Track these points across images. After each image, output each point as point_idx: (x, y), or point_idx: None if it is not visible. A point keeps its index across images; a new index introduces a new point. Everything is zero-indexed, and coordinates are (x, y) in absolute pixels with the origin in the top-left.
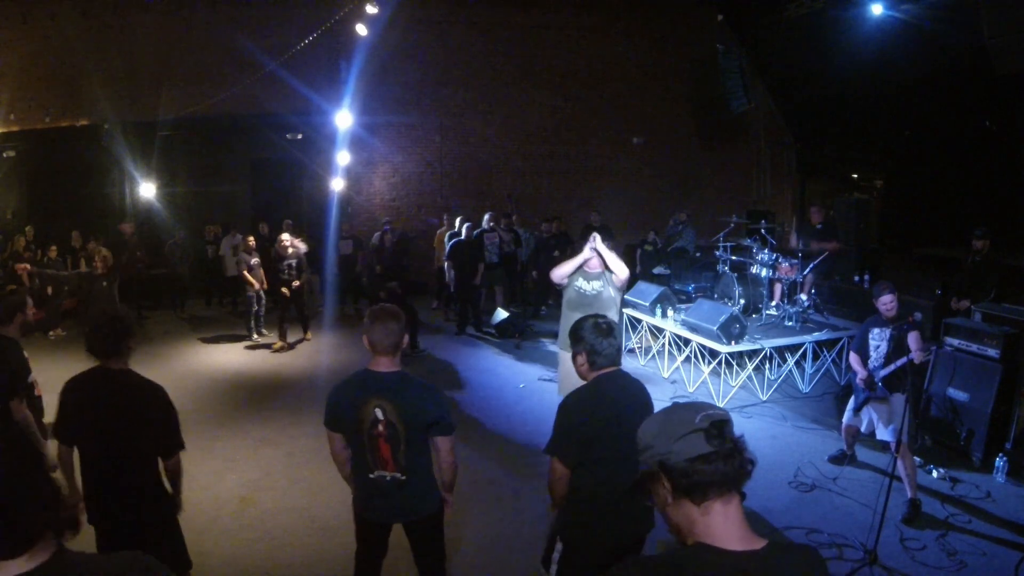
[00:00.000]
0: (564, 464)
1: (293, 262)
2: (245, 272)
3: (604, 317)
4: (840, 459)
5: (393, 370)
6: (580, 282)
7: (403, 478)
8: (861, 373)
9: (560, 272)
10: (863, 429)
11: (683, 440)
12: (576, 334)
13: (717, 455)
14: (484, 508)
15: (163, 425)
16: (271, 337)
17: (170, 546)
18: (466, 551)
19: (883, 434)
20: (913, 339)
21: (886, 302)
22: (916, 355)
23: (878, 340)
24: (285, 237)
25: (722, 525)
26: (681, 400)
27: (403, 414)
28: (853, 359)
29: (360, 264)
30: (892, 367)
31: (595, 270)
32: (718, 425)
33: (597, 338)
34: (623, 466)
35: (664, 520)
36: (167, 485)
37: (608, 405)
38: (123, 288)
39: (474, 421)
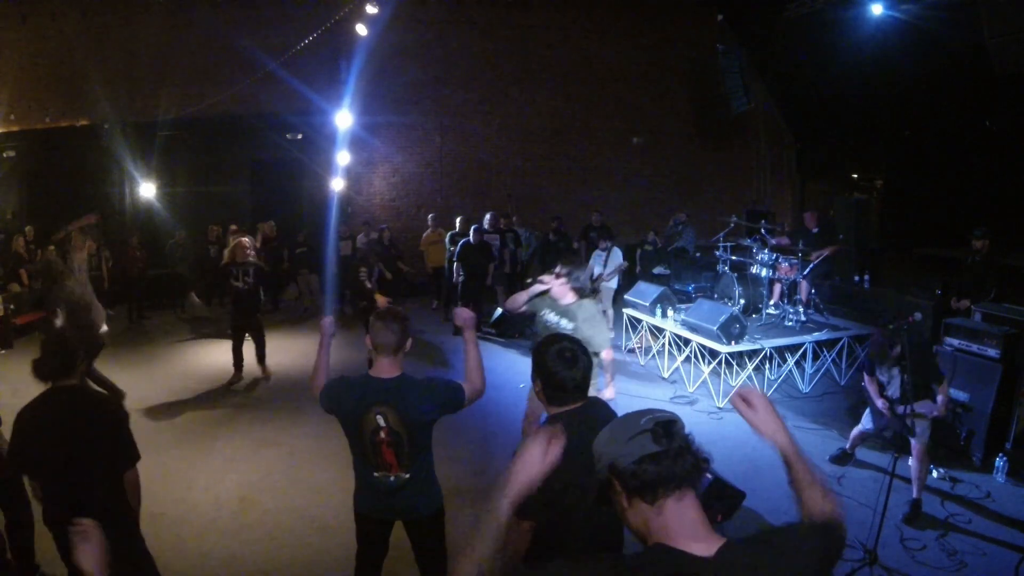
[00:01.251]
0: (530, 519)
1: (251, 269)
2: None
3: (571, 341)
4: (841, 459)
5: (394, 375)
6: (549, 315)
7: (407, 476)
8: (881, 404)
9: (513, 304)
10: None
11: (630, 442)
12: (535, 361)
13: (665, 454)
14: (484, 507)
15: (118, 438)
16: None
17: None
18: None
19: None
20: (941, 397)
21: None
22: (938, 412)
23: (886, 377)
24: (247, 240)
25: (677, 523)
26: (680, 401)
27: (406, 419)
28: (869, 384)
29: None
30: (911, 409)
31: (565, 301)
32: (664, 425)
33: (558, 368)
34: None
35: (626, 527)
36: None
37: (578, 450)
38: (123, 288)
39: (473, 421)
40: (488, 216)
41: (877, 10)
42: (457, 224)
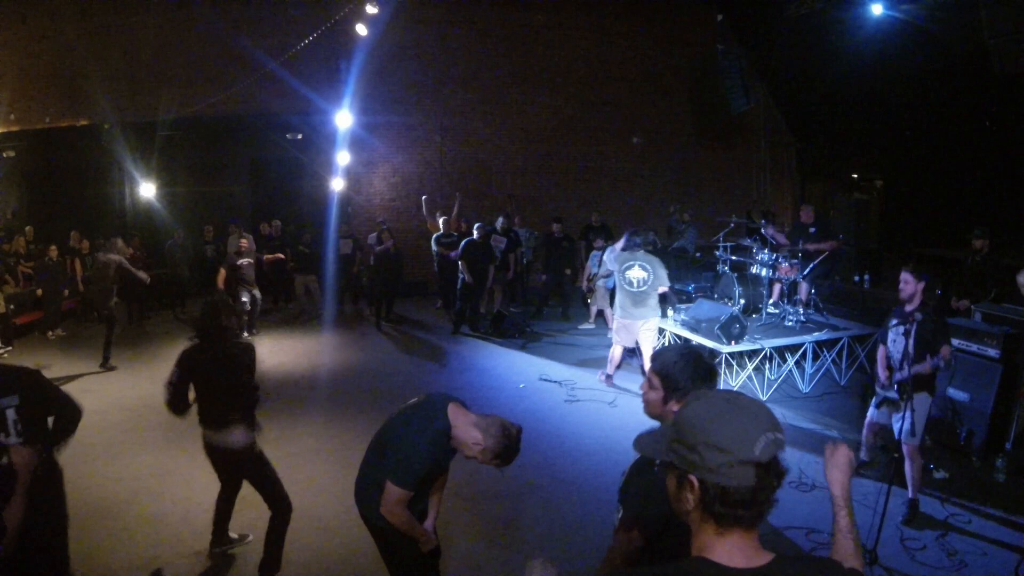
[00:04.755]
0: (644, 536)
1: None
2: (222, 273)
3: (705, 352)
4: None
5: (451, 416)
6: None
7: (365, 459)
8: (882, 374)
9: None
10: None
11: (735, 468)
12: (670, 374)
13: (760, 493)
14: (484, 507)
15: None
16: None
17: None
18: (465, 550)
19: (896, 431)
20: (945, 349)
21: (901, 280)
22: (925, 367)
23: (895, 334)
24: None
25: (734, 549)
26: None
27: (401, 410)
28: (880, 352)
29: (359, 264)
30: (907, 373)
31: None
32: (776, 460)
33: (696, 384)
34: None
35: (672, 504)
36: None
37: None
38: (123, 288)
39: None
40: (500, 219)
41: (877, 10)
42: (441, 225)
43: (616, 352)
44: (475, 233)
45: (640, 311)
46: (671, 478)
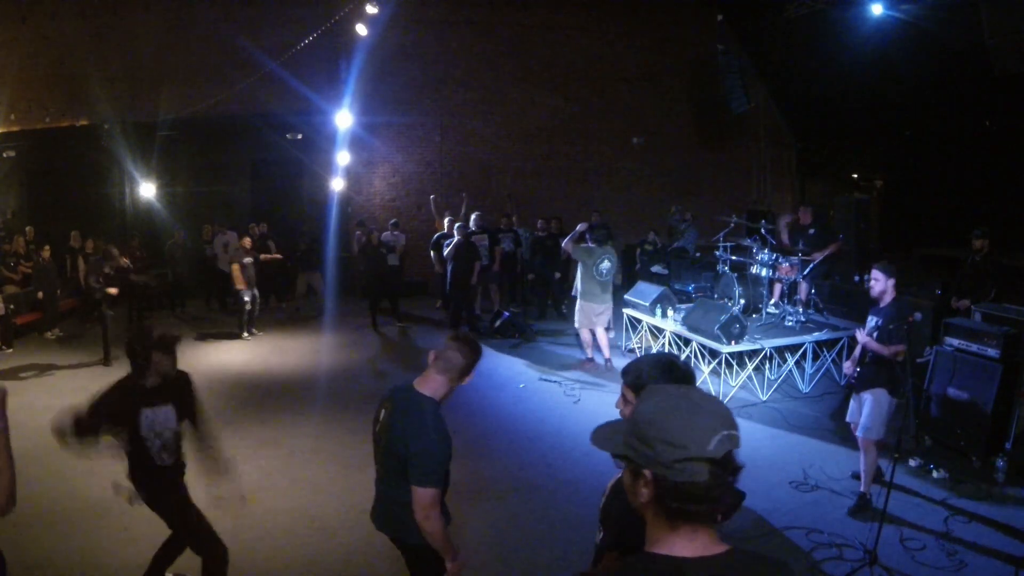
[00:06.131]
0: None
1: None
2: (236, 268)
3: (675, 357)
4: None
5: (422, 389)
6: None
7: (382, 486)
8: (850, 364)
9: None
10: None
11: (687, 463)
12: (643, 387)
13: (715, 488)
14: (484, 507)
15: None
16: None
17: None
18: (466, 550)
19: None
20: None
21: (872, 277)
22: (858, 334)
23: (867, 329)
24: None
25: (685, 541)
26: None
27: (386, 427)
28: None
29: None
30: (855, 357)
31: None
32: (731, 456)
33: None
34: None
35: (629, 498)
36: None
37: None
38: (124, 288)
39: (474, 421)
40: (473, 216)
41: (877, 10)
42: (446, 225)
43: (598, 336)
44: (456, 234)
45: (607, 296)
46: (627, 472)
